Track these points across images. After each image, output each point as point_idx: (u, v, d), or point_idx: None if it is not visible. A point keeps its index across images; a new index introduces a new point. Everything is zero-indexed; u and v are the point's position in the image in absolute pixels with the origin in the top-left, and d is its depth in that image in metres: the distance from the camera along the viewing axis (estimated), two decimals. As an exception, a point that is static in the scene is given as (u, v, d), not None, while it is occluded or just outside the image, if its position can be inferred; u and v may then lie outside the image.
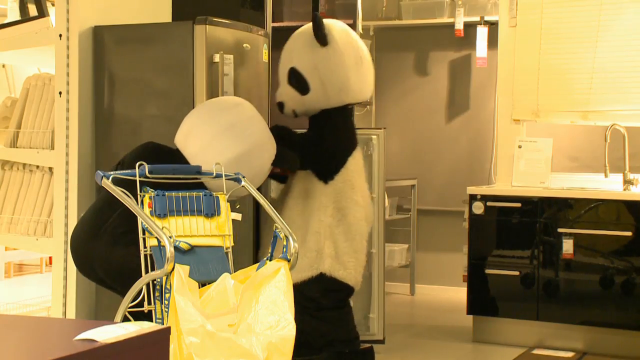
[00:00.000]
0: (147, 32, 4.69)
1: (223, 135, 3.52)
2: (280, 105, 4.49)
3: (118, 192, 2.98)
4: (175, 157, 3.64)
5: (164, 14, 5.20)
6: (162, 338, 1.75)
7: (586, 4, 5.43)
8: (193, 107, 4.40)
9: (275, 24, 5.28)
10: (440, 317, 6.08)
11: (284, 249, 2.99)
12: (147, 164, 3.13)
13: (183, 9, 5.27)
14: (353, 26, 6.27)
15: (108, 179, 3.06)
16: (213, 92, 4.53)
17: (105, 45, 4.67)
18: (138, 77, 4.63)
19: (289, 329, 2.80)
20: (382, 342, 5.04)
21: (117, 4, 4.85)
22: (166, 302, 2.81)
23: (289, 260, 2.97)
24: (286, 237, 3.01)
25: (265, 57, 4.99)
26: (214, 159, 3.35)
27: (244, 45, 4.76)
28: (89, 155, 4.63)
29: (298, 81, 4.40)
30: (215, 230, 3.18)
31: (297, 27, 5.10)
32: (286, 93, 4.46)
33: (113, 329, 1.68)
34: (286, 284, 2.88)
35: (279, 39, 5.11)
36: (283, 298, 2.85)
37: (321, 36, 4.42)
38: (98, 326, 1.70)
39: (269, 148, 3.72)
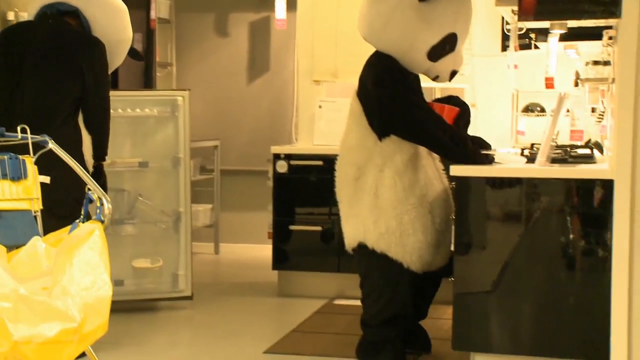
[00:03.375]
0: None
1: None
2: (454, 74, 3.94)
3: None
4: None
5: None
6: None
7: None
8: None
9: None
10: (246, 274, 6.23)
11: (98, 210, 2.99)
12: None
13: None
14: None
15: None
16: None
17: None
18: None
19: (105, 290, 2.82)
20: (190, 298, 5.14)
21: None
22: (-25, 269, 2.75)
23: (102, 222, 2.98)
24: (99, 198, 3.01)
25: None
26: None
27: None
28: None
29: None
30: (23, 194, 3.13)
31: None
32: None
33: None
34: (101, 245, 2.89)
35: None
36: (98, 259, 2.86)
37: None
38: None
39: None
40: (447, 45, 3.79)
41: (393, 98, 3.73)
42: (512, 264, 3.51)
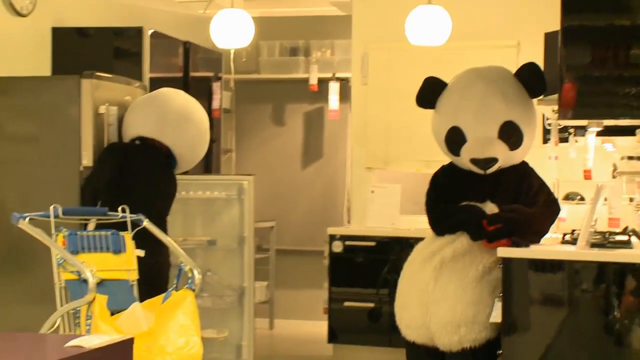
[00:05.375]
0: (34, 85, 5.00)
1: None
2: (492, 162, 4.05)
3: (36, 232, 3.33)
4: (140, 149, 4.53)
5: (43, 67, 5.51)
6: (128, 346, 2.17)
7: (429, 65, 6.14)
8: (78, 155, 4.76)
9: (152, 75, 5.67)
10: (302, 348, 6.58)
11: (189, 280, 3.42)
12: (112, 162, 4.04)
13: (60, 63, 5.60)
14: (216, 79, 6.77)
15: (25, 220, 3.39)
16: (98, 141, 4.89)
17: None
18: (25, 128, 4.92)
19: (196, 349, 3.24)
20: (253, 368, 5.53)
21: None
22: (87, 329, 3.18)
23: (193, 290, 3.41)
24: (191, 270, 3.44)
25: (143, 108, 5.38)
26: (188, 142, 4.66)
27: (126, 97, 5.15)
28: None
29: (516, 135, 4.04)
30: (122, 265, 3.57)
31: (169, 78, 5.51)
32: (499, 147, 4.04)
33: (93, 338, 2.08)
34: (192, 311, 3.31)
35: (154, 88, 5.53)
36: (190, 323, 3.28)
37: (542, 88, 4.08)
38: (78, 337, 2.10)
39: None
40: (453, 138, 4.11)
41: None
42: (554, 345, 3.79)
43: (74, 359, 1.94)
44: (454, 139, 4.11)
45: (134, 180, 4.57)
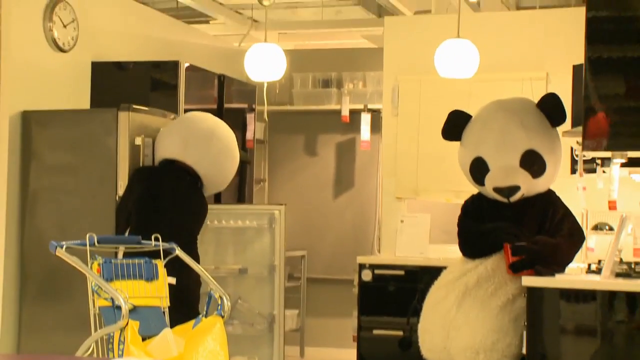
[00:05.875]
0: (74, 117, 5.17)
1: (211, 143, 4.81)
2: (515, 190, 4.18)
3: (72, 260, 3.46)
4: (166, 170, 4.73)
5: (83, 100, 5.69)
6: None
7: (458, 97, 6.23)
8: (115, 185, 4.92)
9: (187, 107, 5.83)
10: (331, 376, 6.65)
11: (219, 307, 3.53)
12: (138, 183, 4.32)
13: (99, 96, 5.78)
14: (250, 110, 6.92)
15: (62, 248, 3.53)
16: (134, 171, 5.03)
17: (33, 129, 5.11)
18: (64, 159, 5.09)
19: (226, 374, 3.33)
20: (284, 396, 5.60)
21: (41, 90, 5.31)
22: (120, 353, 3.29)
23: (222, 317, 3.51)
24: (220, 297, 3.55)
25: (178, 139, 5.52)
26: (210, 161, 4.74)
27: (161, 129, 5.30)
28: (14, 230, 5.02)
29: (538, 164, 4.19)
30: (154, 293, 3.68)
31: (204, 110, 5.64)
32: (520, 176, 4.18)
33: (124, 360, 2.19)
34: (221, 337, 3.42)
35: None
36: (219, 349, 3.38)
37: (562, 118, 4.23)
38: None
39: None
40: (477, 169, 4.25)
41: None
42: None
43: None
44: (478, 169, 4.23)
45: (162, 200, 4.71)
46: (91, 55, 5.71)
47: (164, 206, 4.70)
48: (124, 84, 5.86)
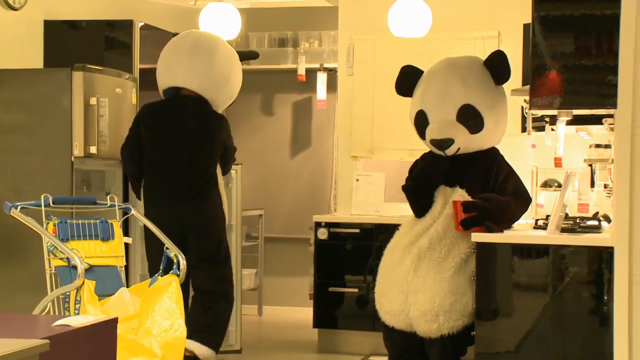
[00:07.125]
0: (27, 77, 5.14)
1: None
2: (448, 142, 4.30)
3: (27, 220, 3.48)
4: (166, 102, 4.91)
5: (36, 59, 5.65)
6: (112, 325, 2.32)
7: (412, 56, 6.28)
8: (70, 146, 4.92)
9: (142, 66, 5.81)
10: (289, 333, 6.75)
11: (174, 266, 3.58)
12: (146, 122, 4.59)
13: (52, 55, 5.74)
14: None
15: (17, 209, 3.55)
16: (89, 131, 5.04)
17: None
18: (18, 119, 5.07)
19: (181, 332, 3.39)
20: (239, 352, 5.68)
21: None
22: (76, 312, 3.33)
23: (178, 275, 3.56)
24: (176, 256, 3.60)
25: (134, 100, 5.54)
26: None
27: (116, 89, 5.30)
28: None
29: (474, 119, 4.30)
30: (110, 252, 3.73)
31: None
32: (456, 130, 4.30)
33: (80, 318, 2.24)
34: (177, 295, 3.47)
35: (145, 80, 5.67)
36: (175, 307, 3.44)
37: (505, 75, 4.32)
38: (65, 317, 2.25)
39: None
40: (419, 121, 4.39)
41: None
42: (534, 329, 3.96)
43: (61, 336, 2.09)
44: (420, 122, 4.38)
45: (169, 134, 4.83)
46: (43, 14, 5.66)
47: (172, 139, 4.84)
48: (78, 43, 5.82)
